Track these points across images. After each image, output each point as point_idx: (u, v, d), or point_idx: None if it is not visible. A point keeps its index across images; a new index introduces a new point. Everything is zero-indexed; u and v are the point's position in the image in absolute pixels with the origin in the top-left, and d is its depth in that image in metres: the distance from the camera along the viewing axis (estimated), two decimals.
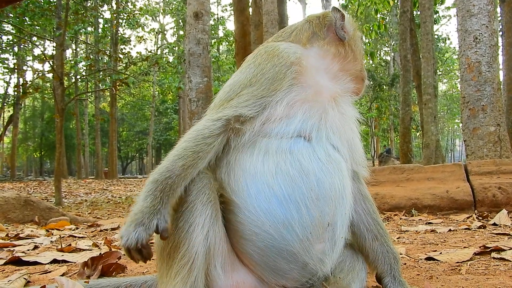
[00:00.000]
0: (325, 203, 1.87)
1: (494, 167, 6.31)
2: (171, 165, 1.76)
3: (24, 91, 21.53)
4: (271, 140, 1.91)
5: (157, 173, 1.75)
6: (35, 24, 22.47)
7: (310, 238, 1.85)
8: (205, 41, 10.32)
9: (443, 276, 2.62)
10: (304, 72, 2.02)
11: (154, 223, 1.62)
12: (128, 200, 15.15)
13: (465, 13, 8.03)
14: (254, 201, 1.84)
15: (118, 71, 20.71)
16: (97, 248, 4.01)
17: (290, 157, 1.88)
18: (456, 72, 55.18)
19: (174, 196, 1.72)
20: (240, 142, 1.92)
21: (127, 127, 63.43)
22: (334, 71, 2.17)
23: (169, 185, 1.71)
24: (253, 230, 1.85)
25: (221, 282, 1.86)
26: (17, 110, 40.45)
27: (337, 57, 2.20)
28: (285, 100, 1.93)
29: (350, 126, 2.14)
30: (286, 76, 1.96)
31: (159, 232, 1.63)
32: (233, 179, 1.90)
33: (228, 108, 1.92)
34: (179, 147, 1.83)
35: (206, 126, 1.88)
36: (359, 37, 2.37)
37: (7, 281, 2.64)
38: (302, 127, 1.93)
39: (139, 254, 1.62)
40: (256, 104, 1.91)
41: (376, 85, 36.92)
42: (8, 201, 7.01)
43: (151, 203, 1.65)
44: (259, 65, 2.03)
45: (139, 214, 1.64)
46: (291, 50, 2.07)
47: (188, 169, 1.77)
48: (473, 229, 4.63)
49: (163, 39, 53.12)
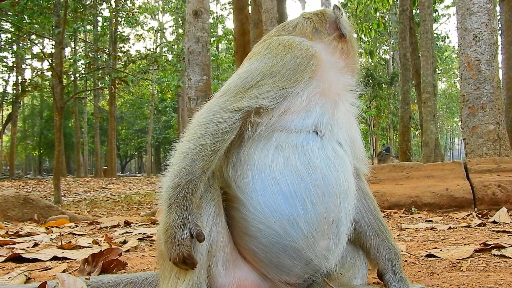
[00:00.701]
0: (330, 200, 1.87)
1: (493, 165, 6.32)
2: (191, 167, 1.71)
3: (23, 90, 21.49)
4: (284, 134, 1.89)
5: (177, 176, 1.71)
6: (34, 22, 22.39)
7: (315, 235, 1.84)
8: (204, 39, 10.29)
9: (444, 272, 2.62)
10: (321, 66, 2.01)
11: (187, 234, 1.64)
12: (127, 198, 15.14)
13: (464, 11, 8.03)
14: (259, 197, 1.83)
15: (117, 69, 20.68)
16: (97, 245, 4.01)
17: (301, 152, 1.86)
18: (455, 71, 55.29)
19: (196, 198, 1.72)
20: (254, 134, 1.88)
21: (126, 126, 63.38)
22: (340, 66, 2.17)
23: (191, 189, 1.69)
24: (258, 227, 1.84)
25: (222, 279, 1.86)
26: (16, 108, 40.39)
27: (341, 53, 2.20)
28: (306, 92, 1.91)
29: (352, 122, 2.16)
30: (307, 68, 1.93)
31: (194, 237, 1.66)
32: (240, 174, 1.88)
33: (248, 99, 1.84)
34: (197, 143, 1.75)
35: (224, 119, 1.80)
36: (354, 35, 2.40)
37: (8, 278, 2.64)
38: (319, 121, 1.92)
39: (186, 265, 1.67)
40: (277, 95, 1.86)
41: (375, 83, 36.87)
42: (7, 199, 7.01)
43: (177, 214, 1.65)
44: (277, 55, 1.96)
45: (170, 230, 1.65)
46: (309, 44, 2.06)
47: (207, 171, 1.75)
48: (473, 226, 4.64)
49: (162, 37, 53.06)
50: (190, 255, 1.65)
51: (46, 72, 23.98)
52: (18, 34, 20.80)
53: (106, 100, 49.79)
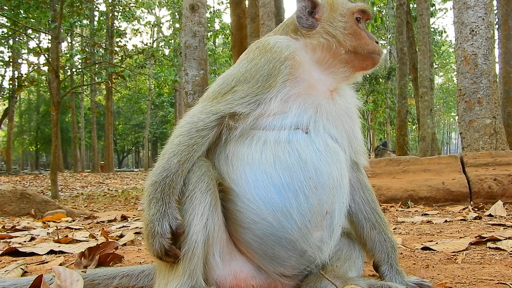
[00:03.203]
0: (324, 192, 1.89)
1: (490, 159, 6.34)
2: (167, 163, 1.79)
3: (20, 84, 21.41)
4: (268, 132, 1.92)
5: (154, 174, 1.80)
6: (30, 17, 22.23)
7: (308, 226, 1.87)
8: (201, 34, 10.26)
9: (439, 265, 2.64)
10: (298, 66, 2.00)
11: (166, 226, 1.70)
12: (124, 193, 15.12)
13: (461, 5, 8.02)
14: (252, 189, 1.86)
15: (114, 64, 20.59)
16: (94, 239, 4.01)
17: (288, 147, 1.89)
18: (452, 65, 55.26)
19: (175, 193, 1.77)
20: (233, 135, 1.93)
21: (123, 121, 63.27)
22: (326, 61, 2.10)
23: (168, 184, 1.76)
24: (252, 218, 1.86)
25: (220, 270, 1.88)
26: (13, 103, 40.22)
27: (322, 47, 2.10)
28: (279, 96, 1.93)
29: (349, 116, 2.14)
30: (280, 71, 1.95)
31: (174, 230, 1.71)
32: (232, 168, 1.92)
33: (223, 103, 1.92)
34: (173, 142, 1.85)
35: (200, 119, 1.89)
36: (339, 11, 2.16)
37: (4, 271, 2.64)
38: (298, 121, 1.94)
39: (169, 257, 1.73)
40: (251, 102, 1.91)
41: (372, 78, 36.89)
42: (4, 194, 6.99)
43: (156, 209, 1.72)
44: (252, 60, 2.01)
45: (150, 224, 1.72)
46: (284, 44, 2.04)
47: (184, 164, 1.80)
48: (469, 220, 4.66)
49: (159, 32, 52.84)
50: (171, 247, 1.71)
51: (43, 67, 23.93)
52: (14, 29, 20.69)
53: (103, 95, 49.72)
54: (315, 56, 2.10)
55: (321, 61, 2.10)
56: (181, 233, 1.73)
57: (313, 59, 2.10)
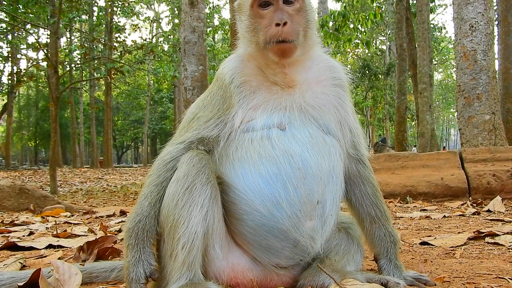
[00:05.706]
0: (314, 182, 1.92)
1: (488, 155, 6.33)
2: (139, 207, 1.88)
3: (18, 80, 21.34)
4: (250, 133, 1.96)
5: (129, 220, 1.88)
6: (29, 12, 22.18)
7: (299, 215, 1.90)
8: (200, 29, 10.25)
9: (438, 260, 2.64)
10: (246, 81, 2.04)
11: (140, 272, 1.78)
12: (124, 189, 15.13)
13: (461, 1, 8.01)
14: (242, 181, 1.91)
15: (113, 59, 20.54)
16: (92, 234, 4.01)
17: (270, 142, 1.92)
18: (452, 62, 55.24)
19: (150, 236, 1.85)
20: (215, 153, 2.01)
21: (122, 116, 63.24)
22: (264, 63, 2.05)
23: (142, 228, 1.83)
24: (244, 209, 1.91)
25: (219, 262, 1.92)
26: (11, 98, 40.13)
27: (250, 52, 2.08)
28: (240, 112, 1.98)
29: (335, 107, 2.09)
30: (232, 93, 2.01)
31: (149, 277, 1.79)
32: (223, 165, 1.98)
33: (190, 131, 2.01)
34: (147, 182, 1.94)
35: (168, 152, 1.99)
36: (243, 11, 2.09)
37: (3, 265, 2.64)
38: (269, 122, 1.96)
39: None
40: (217, 123, 1.99)
41: (371, 74, 36.93)
42: (3, 189, 6.98)
43: (131, 255, 1.80)
44: (211, 89, 2.13)
45: (126, 270, 1.81)
46: (228, 67, 2.10)
47: (156, 204, 1.88)
48: (468, 215, 4.66)
49: (158, 28, 52.75)
50: None
51: (42, 62, 23.80)
52: (13, 24, 20.62)
53: (102, 91, 49.59)
54: (257, 62, 2.09)
55: (262, 65, 2.07)
56: (156, 278, 1.81)
57: (258, 66, 2.09)
